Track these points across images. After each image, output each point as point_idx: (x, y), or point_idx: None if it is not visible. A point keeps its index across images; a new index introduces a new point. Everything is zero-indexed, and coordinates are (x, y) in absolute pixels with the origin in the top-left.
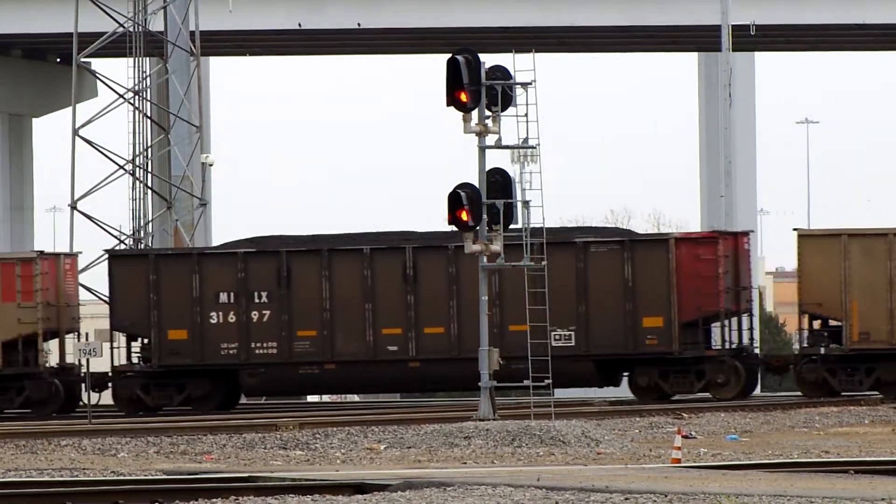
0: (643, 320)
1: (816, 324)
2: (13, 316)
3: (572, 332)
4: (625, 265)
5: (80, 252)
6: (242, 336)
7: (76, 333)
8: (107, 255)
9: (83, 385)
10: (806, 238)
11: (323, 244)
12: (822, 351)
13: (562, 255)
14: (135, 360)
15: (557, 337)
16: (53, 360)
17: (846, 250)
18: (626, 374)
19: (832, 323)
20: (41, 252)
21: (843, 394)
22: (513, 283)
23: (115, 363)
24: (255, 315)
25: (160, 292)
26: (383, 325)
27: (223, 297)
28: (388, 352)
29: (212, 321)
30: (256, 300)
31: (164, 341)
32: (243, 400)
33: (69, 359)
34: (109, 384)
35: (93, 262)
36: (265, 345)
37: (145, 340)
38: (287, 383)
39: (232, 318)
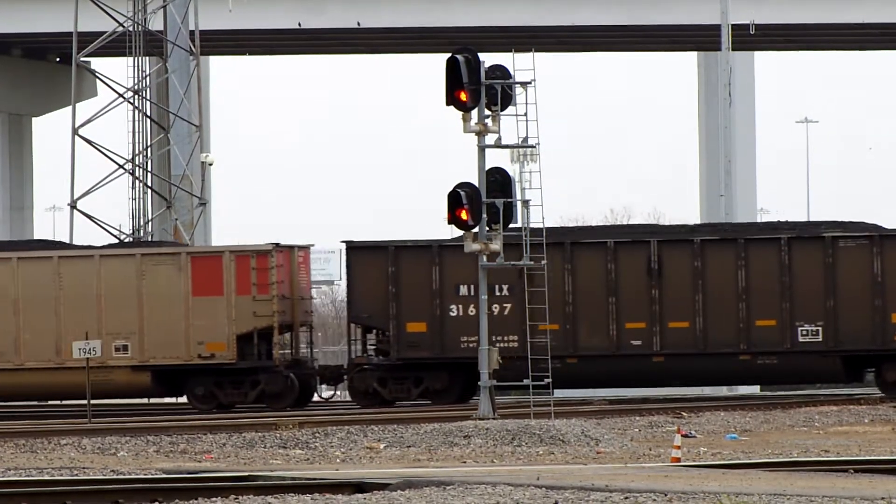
0: (892, 316)
1: None
2: (248, 309)
3: (820, 328)
4: (874, 260)
5: (313, 244)
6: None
7: (309, 326)
8: (347, 247)
9: (318, 378)
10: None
11: (566, 237)
12: None
13: (809, 250)
14: (371, 353)
15: (804, 332)
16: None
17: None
18: (871, 370)
19: None
20: (276, 244)
21: None
22: (761, 277)
23: (352, 356)
24: (495, 308)
25: (399, 284)
26: (627, 319)
27: (463, 290)
28: (631, 346)
29: (451, 314)
30: (497, 293)
31: (402, 334)
32: None
33: (302, 352)
34: (345, 377)
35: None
36: (506, 339)
37: (384, 333)
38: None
39: (472, 311)
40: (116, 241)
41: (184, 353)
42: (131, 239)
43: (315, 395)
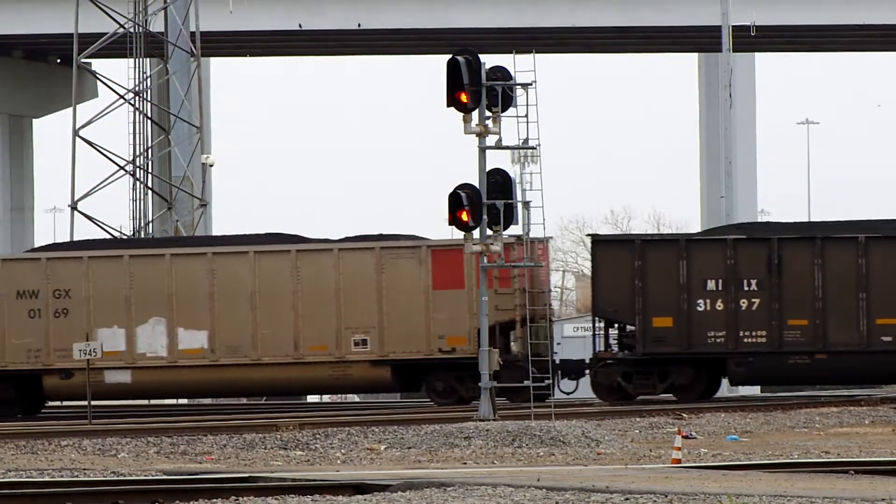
0: None
1: None
2: (490, 303)
3: None
4: None
5: (552, 237)
6: (730, 324)
7: (547, 320)
8: (592, 240)
9: (558, 372)
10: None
11: (816, 232)
12: None
13: None
14: (614, 348)
15: None
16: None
17: None
18: None
19: None
20: (518, 237)
21: None
22: (890, 272)
23: (596, 350)
24: (743, 303)
25: (645, 278)
26: (878, 315)
27: (710, 285)
28: (882, 342)
29: (698, 308)
30: (745, 288)
31: (648, 328)
32: (242, 400)
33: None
34: (586, 372)
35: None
36: (753, 333)
37: (628, 327)
38: (775, 373)
39: (720, 305)
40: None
41: (424, 347)
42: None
43: (556, 389)
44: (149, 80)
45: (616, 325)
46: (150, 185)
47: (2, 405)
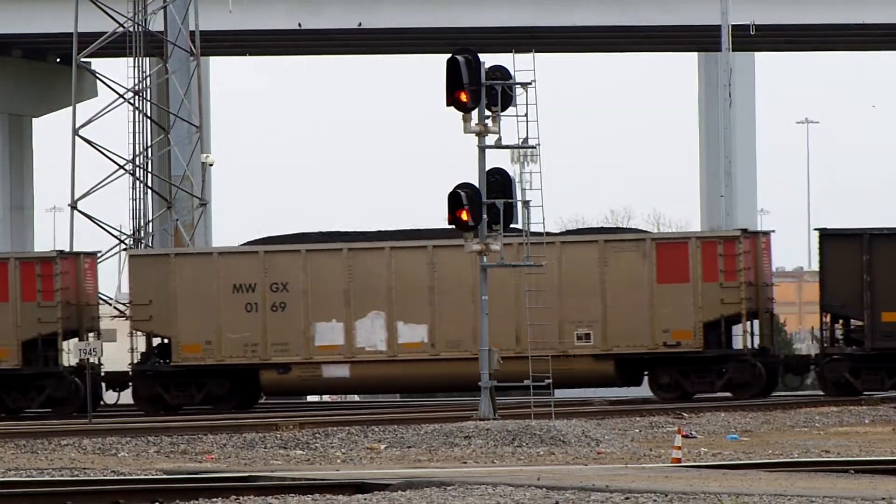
0: None
1: None
2: (715, 296)
3: None
4: None
5: (773, 231)
6: None
7: (770, 314)
8: (820, 234)
9: (781, 367)
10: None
11: None
12: None
13: None
14: (842, 343)
15: None
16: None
17: None
18: None
19: None
20: (744, 230)
21: None
22: None
23: (823, 345)
24: None
25: (874, 273)
26: None
27: None
28: None
29: None
30: None
31: (877, 323)
32: None
33: None
34: (812, 367)
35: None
36: None
37: (856, 322)
38: None
39: None
40: (118, 241)
41: (648, 341)
42: (131, 240)
43: (778, 383)
44: (148, 79)
45: (843, 320)
46: (149, 184)
47: (217, 400)
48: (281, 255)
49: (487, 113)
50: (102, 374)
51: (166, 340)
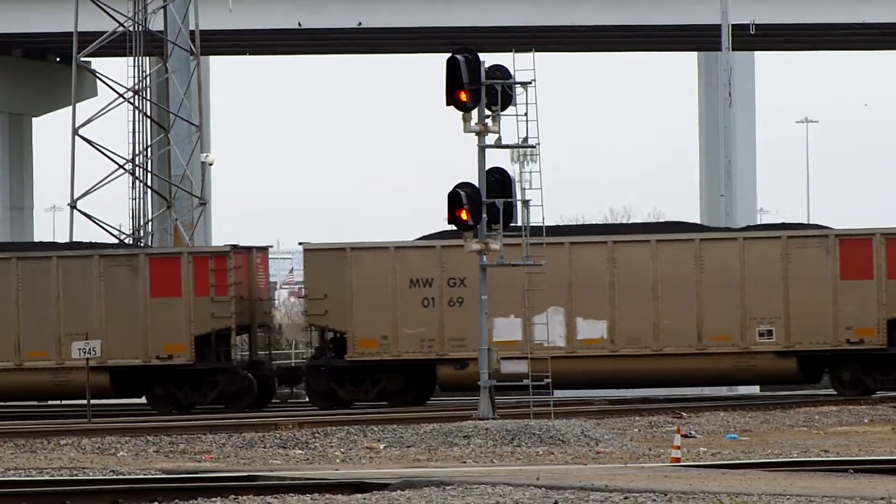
0: None
1: None
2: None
3: None
4: None
5: None
6: None
7: None
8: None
9: None
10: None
11: None
12: None
13: None
14: None
15: None
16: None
17: None
18: None
19: None
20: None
21: None
22: None
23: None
24: None
25: None
26: None
27: None
28: None
29: None
30: None
31: None
32: None
33: None
34: None
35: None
36: None
37: None
38: None
39: None
40: (116, 241)
41: (831, 338)
42: (131, 240)
43: None
44: (148, 78)
45: None
46: (149, 183)
47: (392, 395)
48: (458, 249)
49: (487, 112)
50: (275, 368)
51: (341, 335)
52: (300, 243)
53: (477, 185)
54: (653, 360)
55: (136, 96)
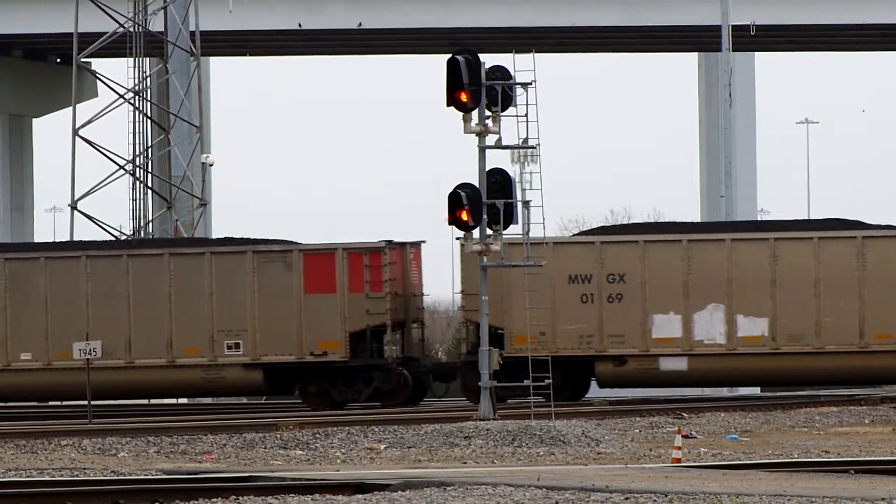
0: None
1: None
2: None
3: None
4: None
5: None
6: None
7: None
8: None
9: None
10: None
11: None
12: None
13: None
14: None
15: None
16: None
17: None
18: None
19: None
20: None
21: None
22: None
23: None
24: None
25: None
26: None
27: None
28: None
29: None
30: None
31: None
32: (243, 400)
33: None
34: None
35: None
36: None
37: None
38: None
39: None
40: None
41: None
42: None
43: None
44: (148, 79)
45: None
46: (149, 184)
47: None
48: (618, 245)
49: (487, 113)
50: (429, 364)
51: (497, 331)
52: (457, 238)
53: (477, 185)
54: (814, 359)
55: (137, 97)
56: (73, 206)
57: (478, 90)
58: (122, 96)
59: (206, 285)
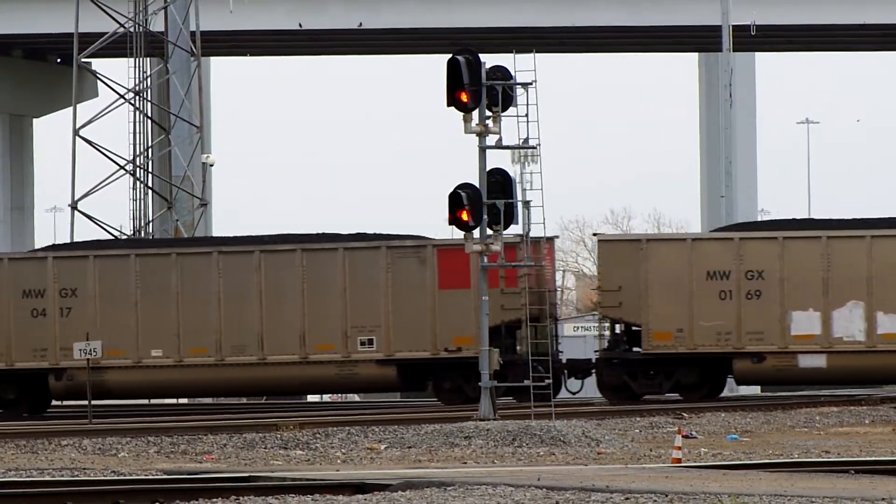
0: None
1: None
2: None
3: None
4: None
5: None
6: None
7: None
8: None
9: None
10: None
11: None
12: None
13: None
14: None
15: None
16: None
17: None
18: None
19: None
20: None
21: None
22: None
23: None
24: None
25: None
26: None
27: None
28: None
29: None
30: None
31: None
32: (243, 400)
33: None
34: None
35: None
36: None
37: None
38: None
39: None
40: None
41: None
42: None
43: None
44: (149, 79)
45: None
46: (150, 184)
47: (685, 388)
48: (756, 242)
49: (488, 113)
50: (564, 361)
51: (635, 327)
52: (594, 234)
53: (478, 185)
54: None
55: (137, 97)
56: (74, 206)
57: (478, 90)
58: (122, 96)
59: (338, 281)
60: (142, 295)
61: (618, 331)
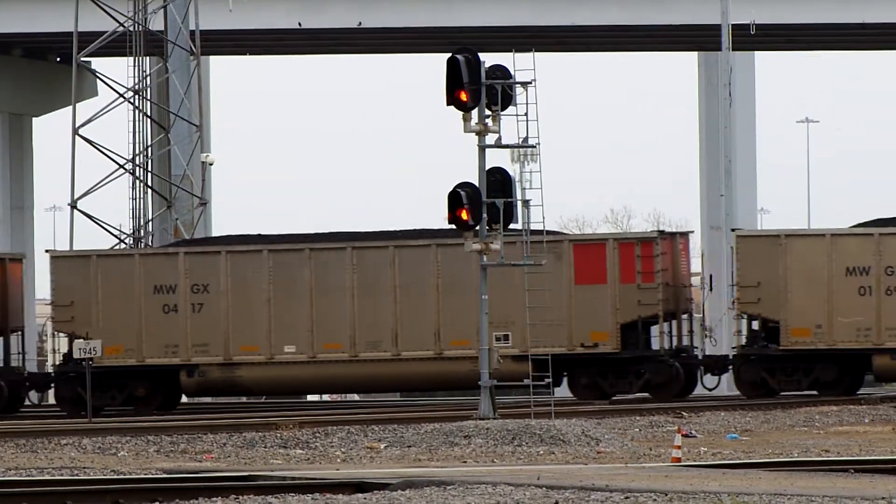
0: None
1: None
2: None
3: None
4: None
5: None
6: None
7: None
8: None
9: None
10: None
11: None
12: None
13: None
14: None
15: None
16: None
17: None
18: None
19: None
20: None
21: None
22: None
23: None
24: None
25: None
26: None
27: None
28: None
29: None
30: None
31: None
32: (243, 400)
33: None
34: None
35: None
36: None
37: None
38: None
39: None
40: (118, 241)
41: None
42: (130, 240)
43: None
44: (148, 78)
45: None
46: (149, 183)
47: (824, 385)
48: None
49: (487, 112)
50: (701, 357)
51: (773, 323)
52: (732, 230)
53: (477, 184)
54: None
55: (137, 96)
56: (73, 206)
57: (478, 89)
58: (122, 95)
59: (473, 276)
60: (274, 290)
61: (755, 327)
